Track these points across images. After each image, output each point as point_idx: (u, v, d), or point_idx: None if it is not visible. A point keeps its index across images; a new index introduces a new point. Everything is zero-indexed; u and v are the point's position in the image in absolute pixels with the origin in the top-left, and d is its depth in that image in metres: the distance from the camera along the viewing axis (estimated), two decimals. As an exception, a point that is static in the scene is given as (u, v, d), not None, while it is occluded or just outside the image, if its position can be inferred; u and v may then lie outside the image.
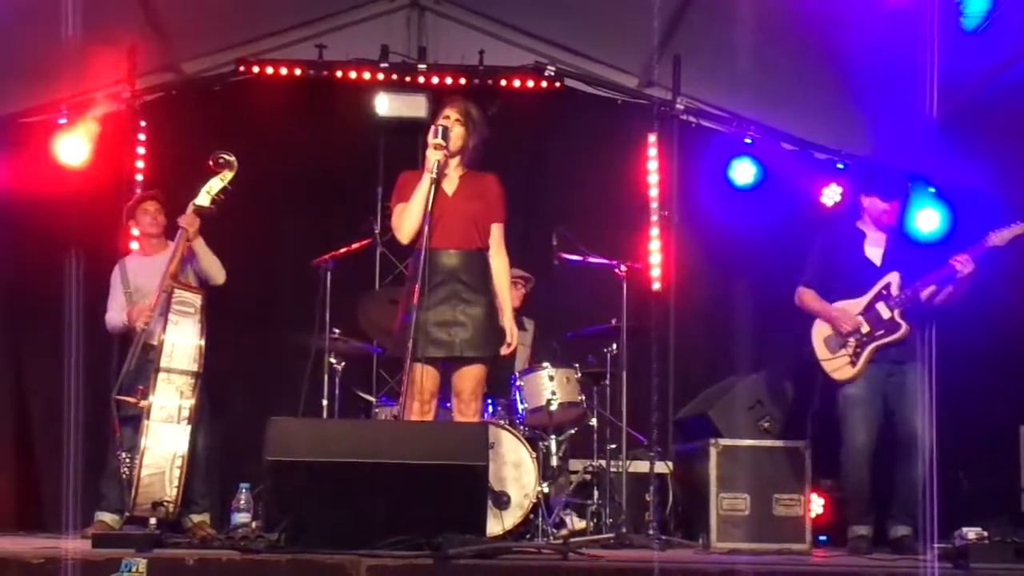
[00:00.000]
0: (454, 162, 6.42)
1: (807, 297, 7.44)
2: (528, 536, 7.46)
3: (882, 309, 7.21)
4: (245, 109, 9.39)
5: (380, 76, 9.52)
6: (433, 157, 6.25)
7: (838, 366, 7.26)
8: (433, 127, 6.34)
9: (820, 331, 7.37)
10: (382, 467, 5.23)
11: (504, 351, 6.45)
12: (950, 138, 8.36)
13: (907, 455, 7.12)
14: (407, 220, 6.30)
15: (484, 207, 6.41)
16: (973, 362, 8.84)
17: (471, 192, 6.41)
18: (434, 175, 6.21)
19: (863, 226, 7.44)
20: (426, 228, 6.15)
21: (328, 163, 9.52)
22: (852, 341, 7.22)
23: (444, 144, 6.27)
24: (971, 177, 9.03)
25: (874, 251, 7.36)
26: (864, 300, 7.26)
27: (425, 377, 6.24)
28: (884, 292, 7.25)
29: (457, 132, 6.37)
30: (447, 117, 6.40)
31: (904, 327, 7.17)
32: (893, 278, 7.25)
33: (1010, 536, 5.69)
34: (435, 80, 9.53)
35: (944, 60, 7.30)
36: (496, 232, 6.47)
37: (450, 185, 6.40)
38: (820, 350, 7.34)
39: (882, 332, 7.19)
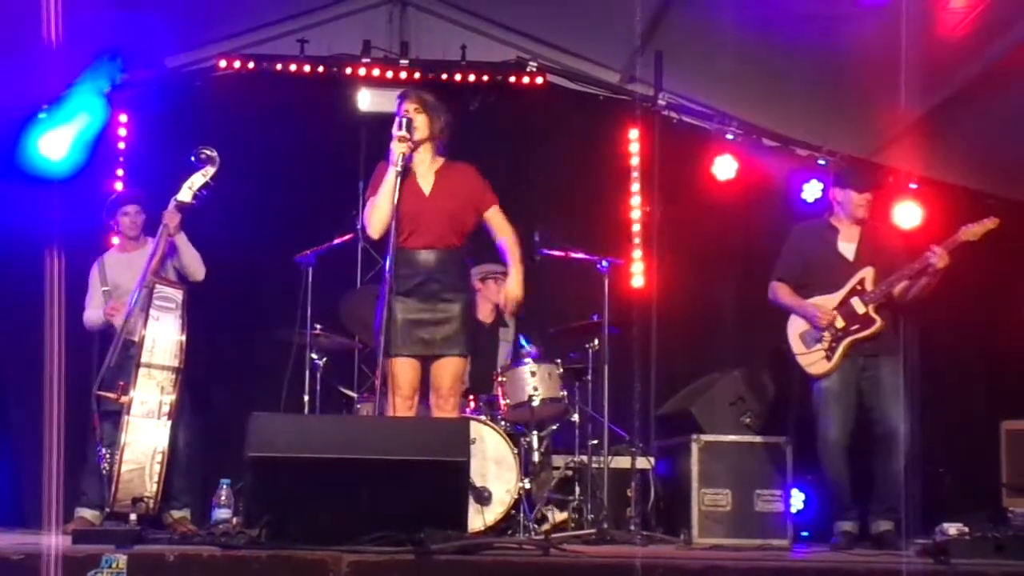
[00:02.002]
0: (427, 154, 6.45)
1: (781, 292, 7.46)
2: (510, 532, 7.46)
3: (856, 304, 7.24)
4: (227, 104, 9.37)
5: (362, 71, 9.51)
6: (398, 150, 6.26)
7: (813, 361, 7.29)
8: (396, 119, 6.35)
9: (795, 326, 7.39)
10: (363, 463, 5.23)
11: (506, 310, 6.77)
12: (931, 134, 8.40)
13: (885, 449, 7.16)
14: (375, 215, 6.33)
15: (465, 202, 6.44)
16: (954, 359, 8.90)
17: (449, 188, 6.43)
18: (399, 168, 6.22)
19: (836, 221, 7.46)
20: (393, 223, 6.17)
21: (310, 158, 9.50)
22: (827, 336, 7.24)
23: (408, 136, 6.28)
24: (950, 173, 9.08)
25: (847, 246, 7.38)
26: (838, 296, 7.28)
27: (407, 373, 6.26)
28: (858, 287, 7.27)
29: (420, 120, 6.39)
30: (406, 110, 6.40)
31: (878, 322, 7.20)
32: (867, 273, 7.28)
33: (991, 532, 5.71)
34: (417, 75, 9.52)
35: (925, 56, 7.32)
36: (496, 214, 6.55)
37: (426, 182, 6.42)
38: (795, 345, 7.37)
39: (857, 327, 7.22)
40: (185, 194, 7.27)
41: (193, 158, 7.24)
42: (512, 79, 9.65)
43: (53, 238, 8.51)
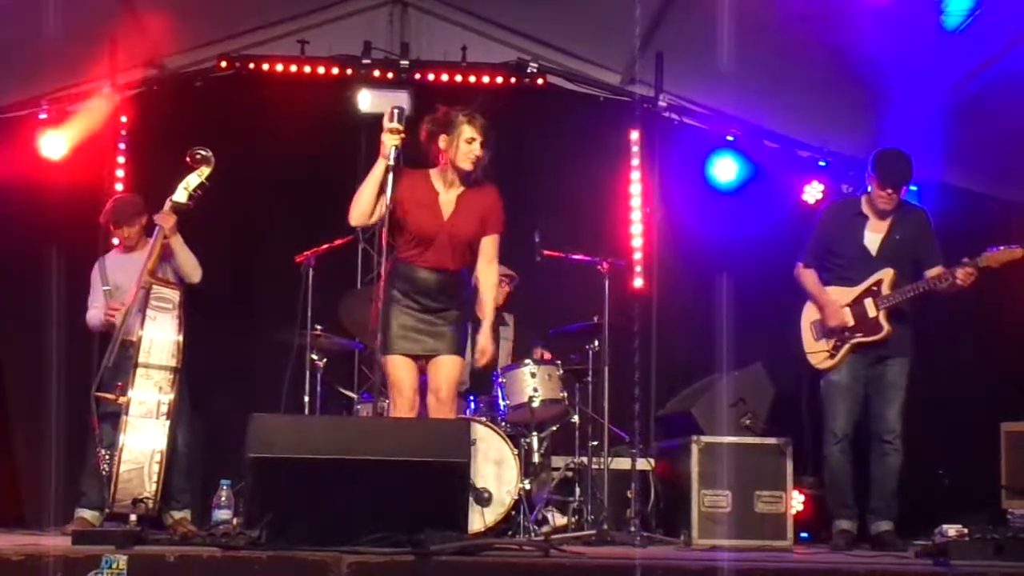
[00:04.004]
0: (457, 177, 6.26)
1: (806, 278, 7.39)
2: (510, 533, 7.45)
3: (869, 306, 7.18)
4: (227, 105, 9.36)
5: (362, 72, 9.51)
6: (390, 142, 6.06)
7: (819, 357, 7.29)
8: (390, 110, 6.13)
9: (809, 314, 7.37)
10: (364, 463, 5.23)
11: (479, 363, 6.40)
12: (933, 136, 8.38)
13: (879, 447, 7.16)
14: (356, 205, 6.18)
15: (479, 227, 6.32)
16: (954, 361, 8.88)
17: (467, 212, 6.29)
18: (391, 162, 6.07)
19: (868, 207, 7.34)
20: (387, 223, 6.03)
21: (310, 159, 9.48)
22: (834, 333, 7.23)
23: (401, 128, 6.06)
24: (950, 175, 9.06)
25: (873, 237, 7.28)
26: (855, 292, 7.22)
27: (404, 372, 6.25)
28: (874, 288, 7.21)
29: (478, 154, 6.18)
30: (471, 140, 6.15)
31: (885, 330, 7.14)
32: (886, 275, 7.20)
33: (990, 533, 5.71)
34: (417, 76, 9.52)
35: (928, 58, 7.31)
36: (492, 244, 6.38)
37: (448, 205, 6.29)
38: (805, 335, 7.36)
39: (861, 333, 7.17)
40: (180, 195, 7.25)
41: (188, 158, 7.23)
42: (513, 80, 9.65)
43: (53, 239, 8.56)
